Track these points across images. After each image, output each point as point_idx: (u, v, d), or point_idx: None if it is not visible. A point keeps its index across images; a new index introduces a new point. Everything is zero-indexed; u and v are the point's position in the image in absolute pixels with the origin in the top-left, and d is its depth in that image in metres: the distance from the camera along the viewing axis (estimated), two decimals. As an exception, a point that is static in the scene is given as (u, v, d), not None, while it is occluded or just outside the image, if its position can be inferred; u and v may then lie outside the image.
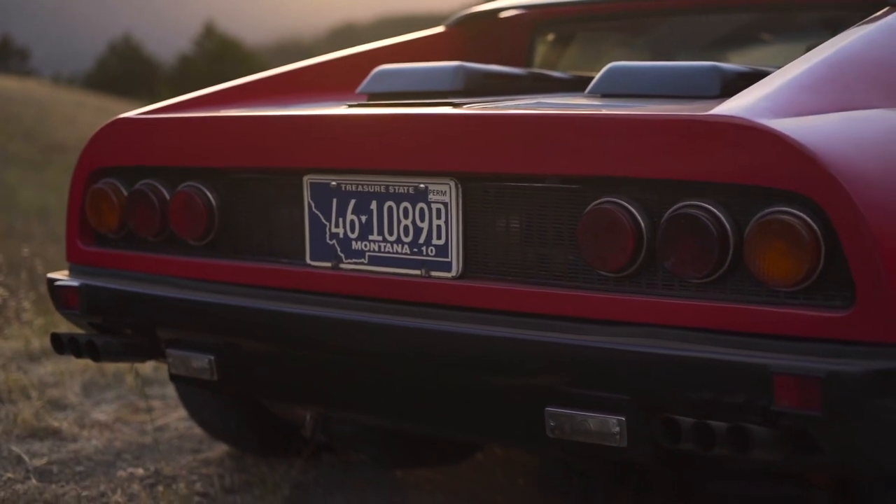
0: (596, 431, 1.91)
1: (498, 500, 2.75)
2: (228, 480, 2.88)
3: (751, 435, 1.73)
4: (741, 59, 3.89)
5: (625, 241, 1.88)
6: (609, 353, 1.89)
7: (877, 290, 1.73)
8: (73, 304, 2.52)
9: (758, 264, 1.80)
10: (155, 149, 2.45)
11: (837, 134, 1.86)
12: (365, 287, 2.16)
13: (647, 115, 1.90)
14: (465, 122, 2.08)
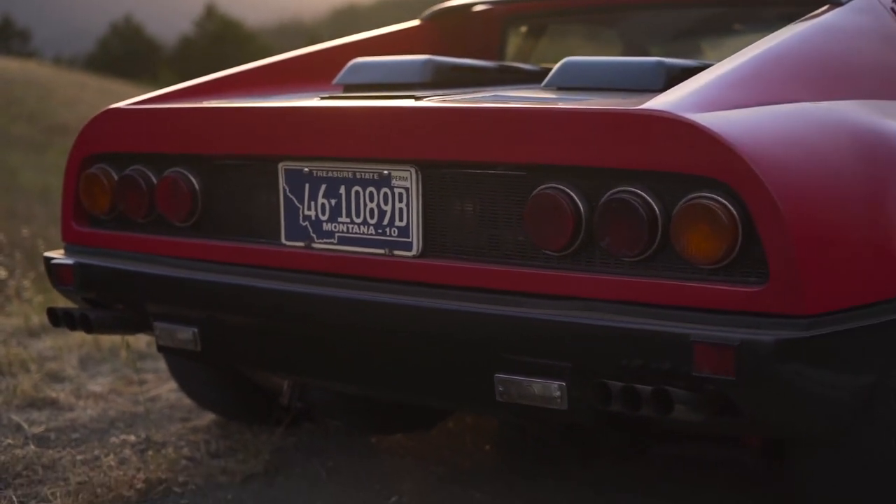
0: (539, 395, 2.10)
1: (465, 464, 2.95)
2: (214, 446, 3.08)
3: (672, 397, 1.93)
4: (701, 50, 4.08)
5: (565, 223, 2.07)
6: (552, 324, 2.08)
7: (788, 268, 1.92)
8: (69, 281, 2.71)
9: (683, 244, 1.99)
10: (143, 137, 2.63)
11: (756, 126, 2.05)
12: (334, 265, 2.35)
13: (584, 109, 2.10)
14: (424, 114, 2.27)
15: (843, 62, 2.54)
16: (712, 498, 2.69)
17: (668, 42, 4.35)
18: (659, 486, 2.75)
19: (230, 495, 2.74)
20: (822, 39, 2.55)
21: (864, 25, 2.75)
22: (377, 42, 3.33)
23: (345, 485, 2.80)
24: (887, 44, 2.77)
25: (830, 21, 2.64)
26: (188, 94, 2.90)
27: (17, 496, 2.72)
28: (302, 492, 2.75)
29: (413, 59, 2.83)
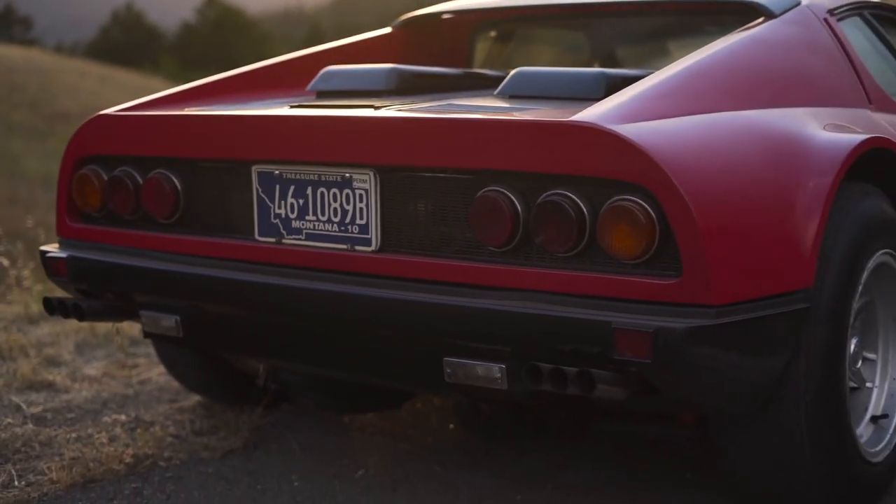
0: (483, 376, 2.34)
1: (429, 441, 3.19)
2: (198, 425, 3.32)
3: (594, 378, 2.17)
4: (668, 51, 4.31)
5: (505, 222, 2.31)
6: (494, 313, 2.31)
7: (698, 263, 2.16)
8: (62, 273, 2.95)
9: (607, 242, 2.22)
10: (130, 141, 2.87)
11: (673, 135, 2.28)
12: (302, 259, 2.59)
13: (521, 120, 2.33)
14: (381, 123, 2.50)
15: (769, 73, 2.77)
16: (652, 470, 2.94)
17: (634, 45, 4.59)
18: (605, 459, 3.00)
19: (211, 469, 2.99)
20: (750, 51, 2.79)
21: (796, 37, 2.98)
22: (351, 49, 3.57)
23: (317, 459, 3.04)
24: (817, 54, 3.01)
25: (761, 34, 2.88)
26: (173, 100, 3.13)
27: (16, 470, 2.96)
28: (277, 466, 3.00)
29: (379, 67, 3.07)
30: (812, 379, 2.40)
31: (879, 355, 2.81)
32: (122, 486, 2.87)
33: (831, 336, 2.43)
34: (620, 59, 4.31)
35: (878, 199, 2.66)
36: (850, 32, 3.28)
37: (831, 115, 2.77)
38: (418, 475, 2.92)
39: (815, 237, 2.37)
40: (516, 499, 2.77)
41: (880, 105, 3.09)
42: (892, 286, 2.76)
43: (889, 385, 2.81)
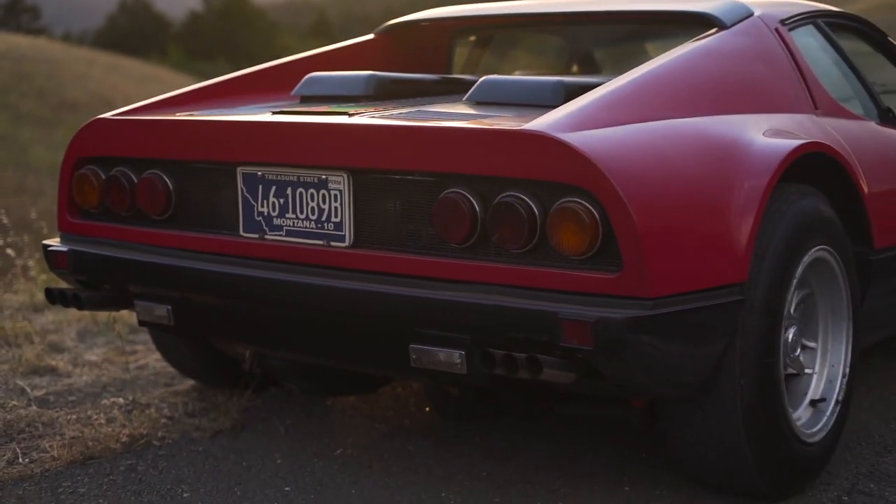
0: (444, 362, 2.56)
1: (405, 423, 3.42)
2: (191, 407, 3.56)
3: (542, 363, 2.39)
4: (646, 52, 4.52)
5: (464, 221, 2.53)
6: (455, 304, 2.54)
7: (638, 259, 2.38)
8: (63, 265, 3.18)
9: (556, 240, 2.44)
10: (126, 144, 3.09)
11: (617, 142, 2.50)
12: (283, 253, 2.81)
13: (479, 128, 2.55)
14: (354, 130, 2.72)
15: (716, 82, 2.99)
16: (610, 450, 3.16)
17: (610, 46, 4.81)
18: (565, 440, 3.23)
19: (201, 448, 3.22)
20: (698, 62, 3.00)
21: (745, 47, 3.19)
22: (335, 55, 3.79)
23: (299, 439, 3.27)
24: (765, 63, 3.22)
25: (711, 45, 3.09)
26: (168, 104, 3.35)
27: (21, 448, 3.20)
28: (262, 445, 3.23)
29: (358, 74, 3.30)
30: (747, 365, 2.62)
31: (819, 344, 3.03)
32: (118, 463, 3.10)
33: (766, 325, 2.65)
34: (592, 64, 4.52)
35: (815, 200, 2.87)
36: (802, 41, 3.49)
37: (774, 121, 2.98)
38: (392, 454, 3.15)
39: (750, 235, 2.59)
40: (482, 475, 2.99)
41: (826, 110, 3.30)
42: (831, 280, 2.97)
43: (828, 371, 3.03)
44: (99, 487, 2.92)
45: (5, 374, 3.89)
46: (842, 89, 3.61)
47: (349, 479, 2.97)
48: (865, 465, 3.13)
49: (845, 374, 3.03)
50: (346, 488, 2.91)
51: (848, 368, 3.04)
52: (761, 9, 3.39)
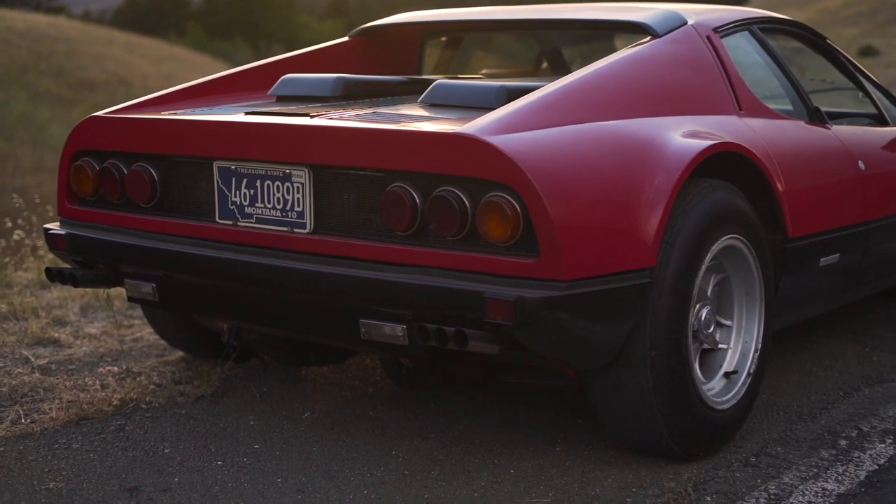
0: (389, 335, 2.92)
1: (369, 390, 3.80)
2: (178, 375, 3.94)
3: (468, 335, 2.75)
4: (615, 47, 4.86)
5: (406, 212, 2.89)
6: (398, 284, 2.90)
7: (553, 247, 2.74)
8: (62, 247, 3.56)
9: (484, 229, 2.80)
10: (117, 139, 3.46)
11: (539, 143, 2.85)
12: (252, 238, 3.17)
13: (417, 130, 2.91)
14: (313, 130, 3.08)
15: (643, 87, 3.33)
16: (549, 416, 3.53)
17: (579, 43, 5.17)
18: (508, 406, 3.60)
19: (184, 411, 3.60)
20: (627, 68, 3.35)
21: (674, 55, 3.54)
22: (313, 56, 4.15)
23: (272, 404, 3.65)
24: (693, 69, 3.56)
25: (641, 52, 3.44)
26: (159, 102, 3.72)
27: (23, 410, 3.58)
28: (238, 409, 3.61)
29: (327, 77, 3.66)
30: (656, 340, 2.98)
31: (734, 322, 3.39)
32: (108, 423, 3.48)
33: (674, 305, 3.00)
34: (561, 61, 4.87)
35: (727, 194, 3.22)
36: (735, 47, 3.83)
37: (696, 122, 3.33)
38: (353, 417, 3.53)
39: (659, 225, 2.94)
40: (430, 436, 3.37)
41: (751, 111, 3.64)
42: (743, 265, 3.33)
43: (742, 346, 3.38)
44: (91, 444, 3.31)
45: (12, 345, 4.28)
46: (770, 91, 3.95)
47: (312, 439, 3.34)
48: (778, 431, 3.48)
49: (757, 349, 3.38)
50: (308, 447, 3.28)
51: (760, 344, 3.39)
52: (696, 17, 3.73)
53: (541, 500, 2.94)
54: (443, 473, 3.11)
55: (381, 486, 3.02)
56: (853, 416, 3.64)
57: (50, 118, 28.80)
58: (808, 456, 3.28)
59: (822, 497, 2.99)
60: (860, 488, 3.06)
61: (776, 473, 3.15)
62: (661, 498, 2.96)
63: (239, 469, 3.13)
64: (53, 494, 2.94)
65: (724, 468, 3.18)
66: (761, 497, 2.98)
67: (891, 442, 3.41)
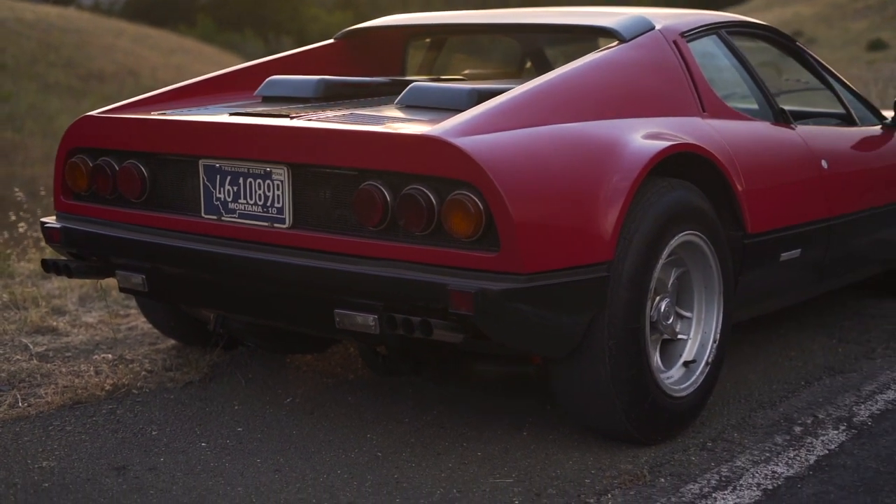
0: (361, 324, 3.10)
1: (350, 377, 3.99)
2: (168, 362, 4.13)
3: (433, 325, 2.93)
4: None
5: (377, 208, 3.07)
6: (370, 276, 3.08)
7: (513, 242, 2.92)
8: (57, 239, 3.74)
9: (449, 225, 2.98)
10: (109, 138, 3.65)
11: (502, 144, 3.02)
12: (235, 232, 3.36)
13: (387, 132, 3.09)
14: (292, 131, 3.26)
15: (607, 90, 3.51)
16: (517, 402, 3.71)
17: (563, 44, 5.34)
18: (483, 393, 3.78)
19: (172, 396, 3.79)
20: (593, 73, 3.52)
21: (640, 59, 3.71)
22: (299, 58, 4.33)
23: (257, 389, 3.84)
24: (658, 73, 3.74)
25: (607, 57, 3.61)
26: (151, 101, 3.90)
27: (21, 394, 3.78)
28: (224, 394, 3.80)
29: (310, 78, 3.84)
30: (614, 330, 3.16)
31: (694, 314, 3.56)
32: (100, 407, 3.67)
33: (631, 297, 3.18)
34: (544, 61, 5.04)
35: (686, 192, 3.39)
36: (701, 50, 4.00)
37: (658, 124, 3.50)
38: (333, 403, 3.72)
39: (616, 221, 3.11)
40: (404, 421, 3.55)
41: (714, 113, 3.81)
42: (702, 260, 3.50)
43: (701, 337, 3.56)
44: (83, 426, 3.50)
45: (12, 333, 4.48)
46: (736, 93, 4.12)
47: (292, 423, 3.53)
48: (737, 417, 3.66)
49: (716, 339, 3.56)
50: (288, 430, 3.47)
51: (719, 335, 3.57)
52: (664, 22, 3.90)
53: (504, 480, 3.12)
54: (413, 455, 3.29)
55: (354, 466, 3.20)
56: (811, 404, 3.82)
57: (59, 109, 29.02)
58: (763, 441, 3.46)
59: (771, 479, 3.17)
60: (808, 471, 3.23)
61: (730, 457, 3.32)
62: (618, 479, 3.14)
63: (221, 450, 3.32)
64: (46, 472, 3.13)
65: (680, 452, 3.36)
66: (712, 479, 3.16)
67: (844, 429, 3.58)
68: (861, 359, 4.38)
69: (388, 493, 3.03)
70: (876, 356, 4.42)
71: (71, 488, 3.03)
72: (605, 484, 3.11)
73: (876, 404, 3.82)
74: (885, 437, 3.51)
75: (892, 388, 4.00)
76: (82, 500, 2.96)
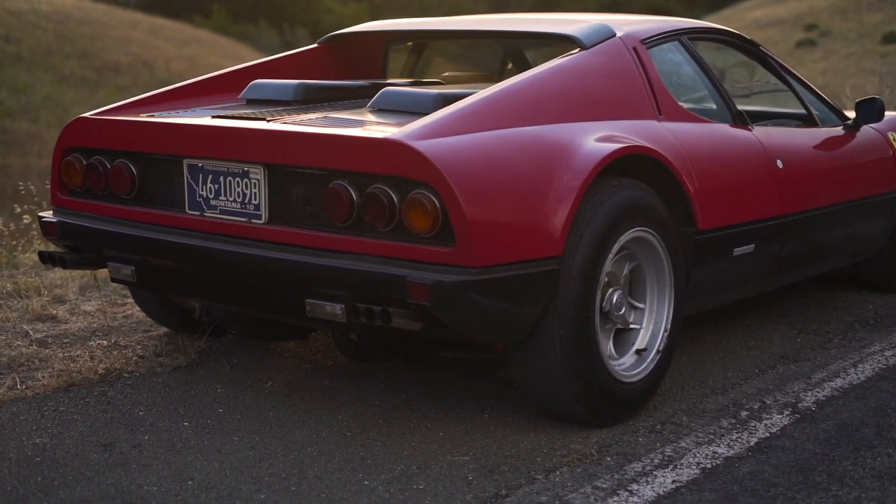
0: (329, 312, 3.34)
1: (328, 363, 4.24)
2: (159, 348, 4.39)
3: (391, 314, 3.18)
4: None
5: (344, 206, 3.31)
6: (338, 269, 3.32)
7: (466, 238, 3.16)
8: (53, 233, 4.01)
9: (409, 222, 3.23)
10: (101, 138, 3.90)
11: (459, 147, 3.26)
12: (217, 227, 3.61)
13: (353, 136, 3.33)
14: (268, 133, 3.51)
15: (566, 95, 3.74)
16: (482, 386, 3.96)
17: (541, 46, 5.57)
18: (452, 379, 4.03)
19: (160, 380, 4.05)
20: (552, 78, 3.76)
21: (600, 65, 3.95)
22: (284, 62, 4.58)
23: (240, 374, 4.10)
24: (616, 78, 3.97)
25: (567, 63, 3.85)
26: (143, 103, 4.15)
27: (20, 377, 4.04)
28: (209, 378, 4.06)
29: (291, 82, 4.10)
30: (564, 319, 3.40)
31: (647, 305, 3.80)
32: (93, 389, 3.94)
33: (581, 289, 3.41)
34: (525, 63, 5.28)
35: (636, 191, 3.62)
36: (662, 56, 4.24)
37: (613, 127, 3.74)
38: (310, 387, 3.97)
39: (567, 219, 3.35)
40: (374, 404, 3.81)
41: (671, 116, 4.04)
42: (653, 254, 3.74)
43: (653, 327, 3.80)
44: (75, 407, 3.77)
45: (14, 321, 4.75)
46: (696, 97, 4.36)
47: (270, 405, 3.79)
48: (688, 402, 3.91)
49: (667, 329, 3.80)
50: (265, 412, 3.73)
51: (670, 325, 3.80)
52: (626, 29, 4.14)
53: (461, 457, 3.38)
54: (380, 435, 3.54)
55: (323, 444, 3.46)
56: (761, 390, 4.05)
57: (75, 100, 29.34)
58: (709, 424, 3.70)
59: (711, 459, 3.41)
60: (747, 452, 3.47)
61: (675, 439, 3.57)
62: (567, 458, 3.39)
63: (202, 429, 3.58)
64: (38, 448, 3.40)
65: (630, 433, 3.60)
66: (656, 458, 3.40)
67: (788, 414, 3.82)
68: (817, 348, 4.61)
69: (353, 469, 3.28)
70: (832, 346, 4.65)
71: (60, 462, 3.30)
72: (554, 462, 3.35)
73: (823, 391, 4.05)
74: (827, 422, 3.74)
75: (840, 375, 4.24)
76: (70, 472, 3.22)
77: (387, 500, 3.07)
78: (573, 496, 3.11)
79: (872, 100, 5.06)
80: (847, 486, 3.23)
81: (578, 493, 3.13)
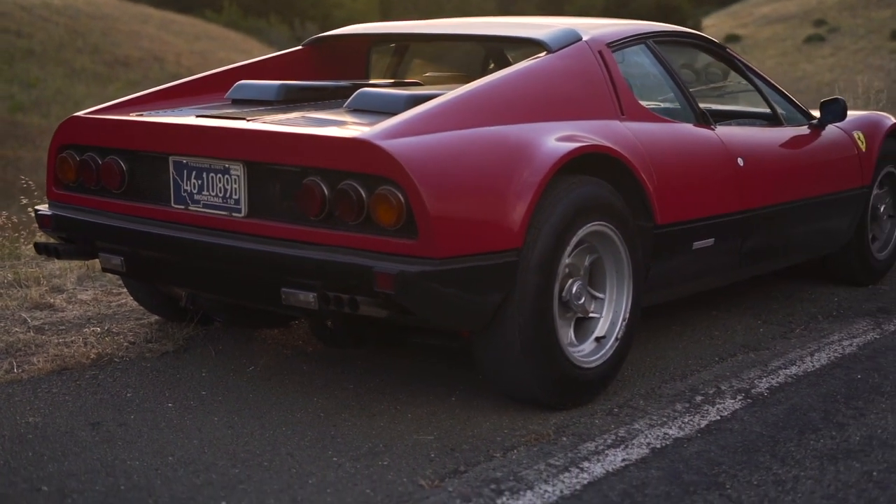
0: (303, 301, 3.57)
1: (308, 349, 4.48)
2: (150, 335, 4.63)
3: (359, 301, 3.41)
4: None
5: (316, 201, 3.54)
6: (311, 260, 3.54)
7: (429, 231, 3.39)
8: (48, 225, 4.25)
9: (376, 216, 3.45)
10: (93, 136, 4.14)
11: (423, 145, 3.49)
12: (200, 220, 3.84)
13: (324, 135, 3.56)
14: (247, 132, 3.74)
15: (530, 97, 3.95)
16: (452, 371, 4.18)
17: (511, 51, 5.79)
18: (424, 364, 4.26)
19: (149, 365, 4.29)
20: (517, 80, 3.98)
21: (565, 68, 4.17)
22: (269, 63, 4.81)
23: (224, 360, 4.34)
24: (581, 80, 4.19)
25: (533, 66, 4.08)
26: (133, 103, 4.38)
27: (17, 362, 4.28)
28: (195, 363, 4.30)
29: (273, 83, 4.33)
30: (523, 308, 3.62)
31: (606, 295, 4.03)
32: (84, 373, 4.18)
33: (540, 280, 3.63)
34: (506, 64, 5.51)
35: (594, 187, 3.84)
36: (627, 59, 4.46)
37: (575, 127, 3.96)
38: (290, 371, 4.21)
39: (526, 213, 3.57)
40: (349, 387, 4.04)
41: (633, 116, 4.26)
42: (612, 247, 3.96)
43: (612, 316, 4.02)
44: (67, 389, 4.01)
45: (13, 309, 4.99)
46: (658, 98, 4.58)
47: (250, 388, 4.03)
48: (646, 387, 4.13)
49: (626, 318, 4.02)
50: (246, 394, 3.97)
51: (629, 315, 4.02)
52: (591, 33, 4.35)
53: (426, 437, 3.61)
54: (351, 416, 3.78)
55: (298, 424, 3.69)
56: (718, 377, 4.28)
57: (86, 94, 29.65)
58: (664, 408, 3.92)
59: (661, 440, 3.63)
60: (697, 434, 3.70)
61: (630, 421, 3.79)
62: (525, 437, 3.61)
63: (185, 410, 3.81)
64: (30, 426, 3.64)
65: (588, 416, 3.83)
66: (609, 439, 3.63)
67: (741, 399, 4.04)
68: (778, 338, 4.83)
69: (323, 446, 3.51)
70: (792, 336, 4.87)
71: (51, 439, 3.54)
72: (513, 441, 3.58)
73: (777, 378, 4.27)
74: (777, 406, 3.96)
75: (796, 363, 4.45)
76: (59, 448, 3.46)
77: (352, 475, 3.30)
78: (527, 472, 3.34)
79: (836, 100, 5.29)
80: (788, 465, 3.45)
81: (532, 470, 3.36)
